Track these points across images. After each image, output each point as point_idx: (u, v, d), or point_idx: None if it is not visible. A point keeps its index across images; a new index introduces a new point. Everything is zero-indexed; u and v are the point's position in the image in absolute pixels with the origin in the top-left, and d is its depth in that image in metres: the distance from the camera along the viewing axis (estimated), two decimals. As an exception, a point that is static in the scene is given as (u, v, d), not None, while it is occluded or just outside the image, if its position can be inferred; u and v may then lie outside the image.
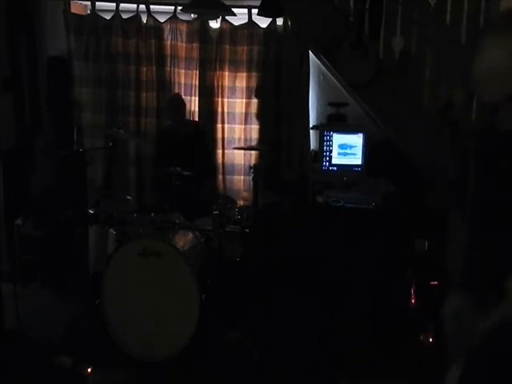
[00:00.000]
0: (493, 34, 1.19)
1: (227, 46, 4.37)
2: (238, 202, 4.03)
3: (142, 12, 4.34)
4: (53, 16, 4.42)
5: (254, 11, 4.13)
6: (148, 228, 3.33)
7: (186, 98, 4.39)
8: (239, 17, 4.22)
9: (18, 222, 4.09)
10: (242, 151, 4.46)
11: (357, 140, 4.13)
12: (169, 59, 4.43)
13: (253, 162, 4.40)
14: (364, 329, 3.39)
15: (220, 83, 4.44)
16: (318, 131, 4.32)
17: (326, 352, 3.19)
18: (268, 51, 4.34)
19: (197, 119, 4.45)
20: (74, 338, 3.22)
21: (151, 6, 4.32)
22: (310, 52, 4.29)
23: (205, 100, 4.45)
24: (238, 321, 3.39)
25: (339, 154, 4.15)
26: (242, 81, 4.42)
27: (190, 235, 3.43)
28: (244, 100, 4.44)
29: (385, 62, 3.57)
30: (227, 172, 4.52)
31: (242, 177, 4.51)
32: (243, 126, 4.47)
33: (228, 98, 4.46)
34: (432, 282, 3.32)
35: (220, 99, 4.46)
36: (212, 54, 4.39)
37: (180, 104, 4.17)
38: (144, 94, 4.46)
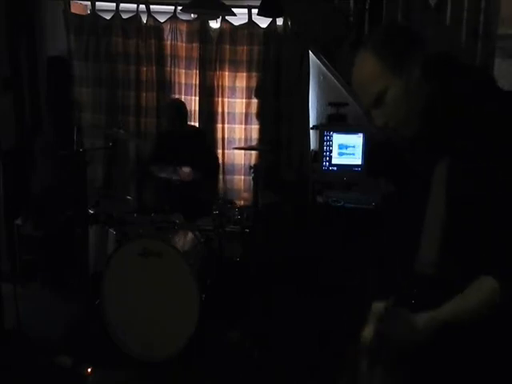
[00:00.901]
0: (365, 46, 1.30)
1: (227, 46, 4.37)
2: (238, 202, 4.03)
3: (142, 12, 4.34)
4: (53, 16, 4.42)
5: (254, 11, 4.13)
6: (148, 228, 3.33)
7: (187, 99, 4.39)
8: (239, 17, 4.22)
9: (18, 222, 4.09)
10: (242, 151, 4.46)
11: (357, 140, 4.13)
12: (169, 59, 4.43)
13: (253, 162, 4.40)
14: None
15: (220, 83, 4.44)
16: (317, 131, 4.32)
17: (325, 352, 3.19)
18: (268, 51, 4.34)
19: (197, 121, 4.44)
20: (74, 337, 3.22)
21: (151, 6, 4.32)
22: (310, 52, 4.29)
23: (205, 100, 4.45)
24: (238, 321, 3.39)
25: (339, 154, 4.15)
26: (242, 81, 4.42)
27: (190, 235, 3.43)
28: (244, 100, 4.44)
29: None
30: (227, 172, 4.52)
31: (242, 177, 4.51)
32: (243, 126, 4.47)
33: (228, 97, 4.46)
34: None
35: (220, 99, 4.47)
36: (212, 54, 4.39)
37: (182, 112, 4.03)
38: (144, 94, 4.46)
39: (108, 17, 4.38)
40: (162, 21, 4.37)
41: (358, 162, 4.14)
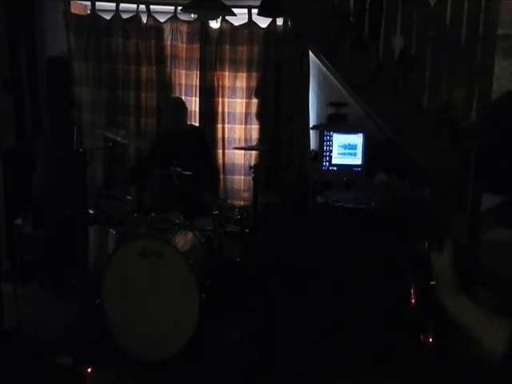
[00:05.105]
0: None
1: (227, 46, 4.37)
2: (238, 202, 4.03)
3: (142, 12, 4.34)
4: (53, 16, 4.43)
5: (254, 11, 4.13)
6: (148, 228, 3.33)
7: (187, 99, 4.40)
8: (239, 17, 4.22)
9: (18, 222, 4.09)
10: (242, 151, 4.46)
11: (357, 140, 4.13)
12: (169, 59, 4.44)
13: (253, 162, 4.40)
14: (364, 329, 3.39)
15: (220, 83, 4.44)
16: (317, 131, 4.31)
17: (326, 352, 3.19)
18: (268, 51, 4.34)
19: (197, 121, 4.45)
20: (74, 338, 3.22)
21: (151, 6, 4.32)
22: (310, 52, 4.29)
23: (205, 100, 4.45)
24: (238, 321, 3.39)
25: (339, 154, 4.15)
26: (242, 81, 4.42)
27: (190, 235, 3.43)
28: (244, 100, 4.44)
29: (385, 61, 3.57)
30: (227, 172, 4.52)
31: (242, 177, 4.52)
32: (243, 126, 4.47)
33: (228, 98, 4.46)
34: (432, 282, 3.31)
35: (220, 99, 4.47)
36: (212, 54, 4.39)
37: (182, 108, 4.18)
38: (144, 94, 4.46)
39: (108, 17, 4.38)
40: (162, 21, 4.37)
41: (358, 162, 4.14)
